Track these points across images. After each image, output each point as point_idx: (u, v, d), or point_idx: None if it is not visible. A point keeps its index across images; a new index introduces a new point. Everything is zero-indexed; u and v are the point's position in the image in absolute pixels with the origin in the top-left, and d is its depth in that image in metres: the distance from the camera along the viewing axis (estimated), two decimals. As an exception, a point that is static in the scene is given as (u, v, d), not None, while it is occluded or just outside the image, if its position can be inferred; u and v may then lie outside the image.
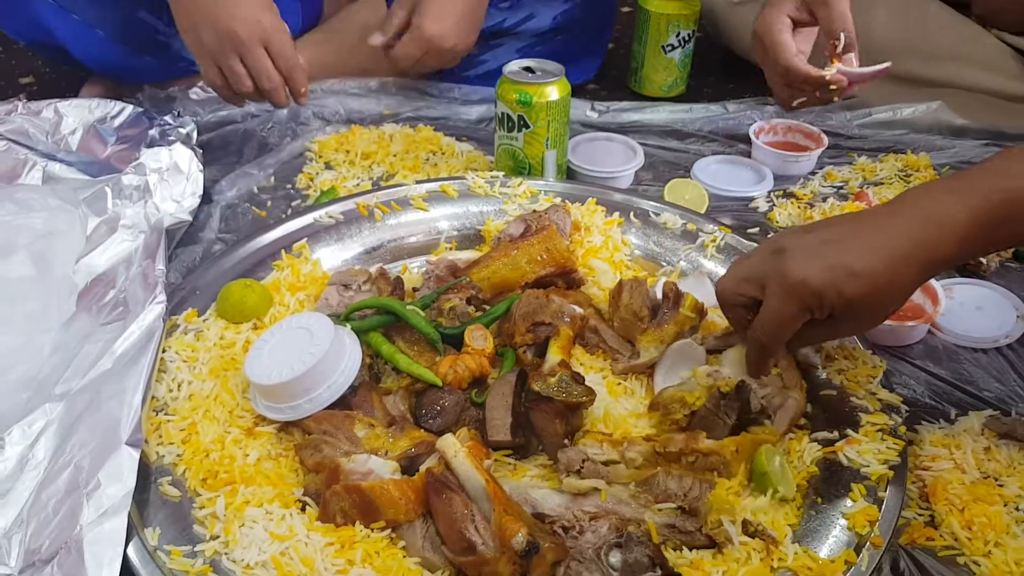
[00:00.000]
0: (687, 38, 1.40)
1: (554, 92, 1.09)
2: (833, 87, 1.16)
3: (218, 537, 0.69)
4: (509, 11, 1.37)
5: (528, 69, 1.10)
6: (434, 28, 1.22)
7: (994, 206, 0.68)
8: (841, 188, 1.21)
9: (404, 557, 0.67)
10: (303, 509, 0.71)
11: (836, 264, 0.69)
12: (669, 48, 1.40)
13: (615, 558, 0.64)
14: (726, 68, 1.56)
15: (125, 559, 0.66)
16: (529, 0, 1.36)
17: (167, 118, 1.15)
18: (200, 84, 1.32)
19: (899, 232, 0.69)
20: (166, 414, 0.79)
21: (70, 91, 1.41)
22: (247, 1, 1.07)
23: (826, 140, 1.25)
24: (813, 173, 1.24)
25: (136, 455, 0.72)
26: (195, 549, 0.68)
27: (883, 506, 0.71)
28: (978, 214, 0.68)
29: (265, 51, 1.09)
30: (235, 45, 1.08)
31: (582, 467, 0.71)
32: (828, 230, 0.73)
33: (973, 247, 0.70)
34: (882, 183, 1.21)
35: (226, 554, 0.67)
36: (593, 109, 1.38)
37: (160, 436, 0.77)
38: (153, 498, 0.73)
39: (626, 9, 1.50)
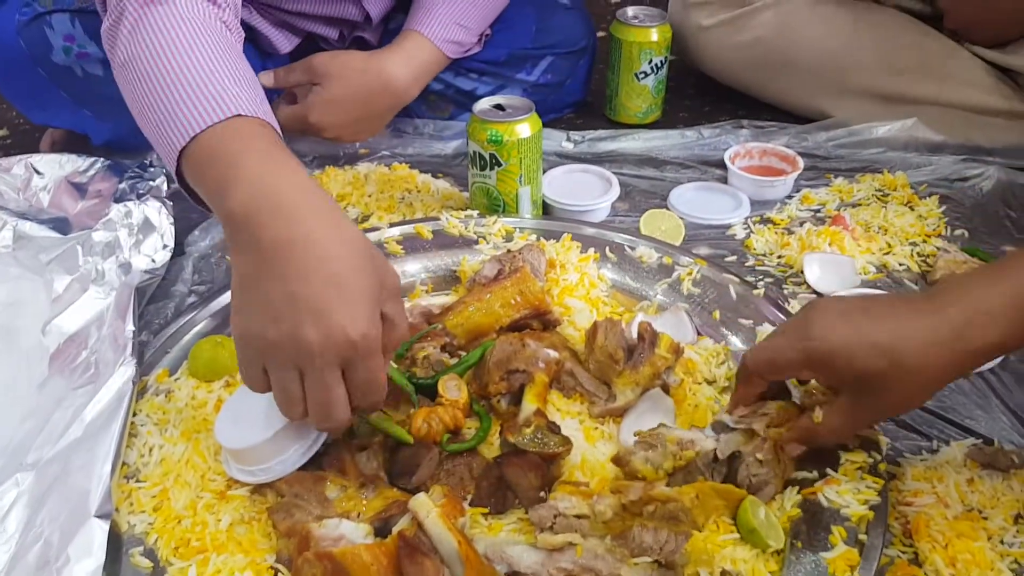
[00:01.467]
0: (660, 65, 1.40)
1: (525, 129, 1.08)
2: None
3: (190, 611, 0.68)
4: (479, 81, 1.38)
5: (498, 107, 1.10)
6: (317, 117, 1.14)
7: None
8: (818, 211, 1.20)
9: (378, 625, 0.66)
10: (275, 577, 0.71)
11: (859, 332, 0.67)
12: (642, 75, 1.40)
13: (590, 619, 0.63)
14: (700, 92, 1.56)
15: (95, 638, 0.66)
16: (495, 74, 1.38)
17: (137, 169, 1.14)
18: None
19: (939, 318, 0.66)
20: (137, 480, 0.78)
21: (44, 142, 1.41)
22: (347, 306, 0.66)
23: (802, 163, 1.25)
24: (790, 197, 1.24)
25: (105, 527, 0.71)
26: (166, 624, 0.67)
27: (864, 550, 0.70)
28: (1019, 301, 0.65)
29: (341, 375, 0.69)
30: (302, 359, 0.67)
31: (554, 523, 0.70)
32: (868, 301, 0.70)
33: (1017, 334, 0.66)
34: (859, 204, 1.20)
35: (197, 629, 0.66)
36: (569, 139, 1.38)
37: (131, 504, 0.76)
38: (124, 570, 0.72)
39: (600, 34, 1.50)
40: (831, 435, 0.74)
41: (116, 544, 0.73)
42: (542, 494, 0.75)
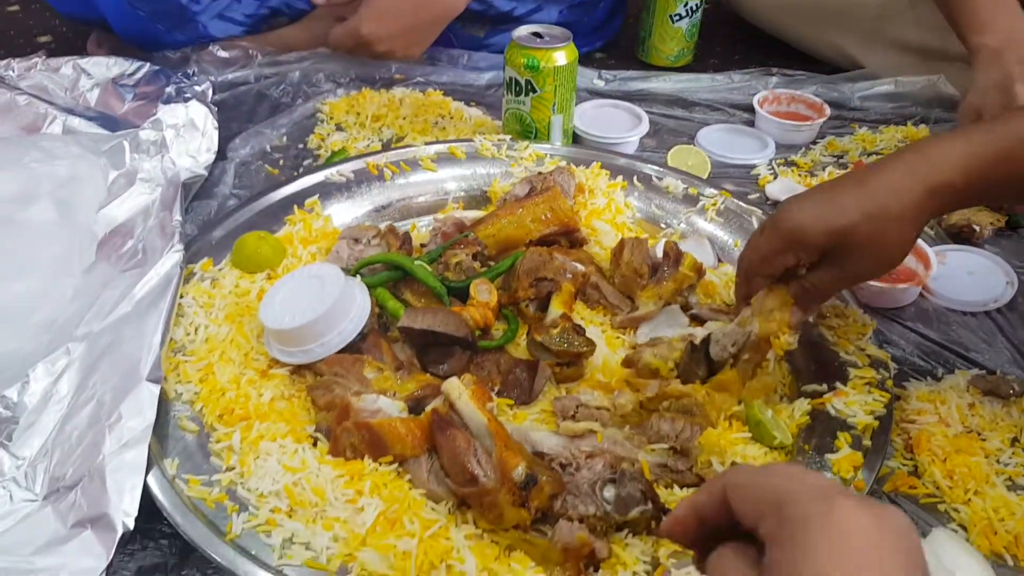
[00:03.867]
0: (695, 8, 1.42)
1: (562, 57, 1.11)
2: None
3: (234, 468, 0.72)
4: (517, 1, 1.40)
5: (536, 35, 1.13)
6: (369, 28, 1.20)
7: (994, 141, 0.69)
8: (841, 158, 1.23)
9: (410, 489, 0.70)
10: (315, 444, 0.75)
11: (825, 200, 0.71)
12: (677, 18, 1.42)
13: (609, 492, 0.67)
14: (733, 38, 1.58)
15: (145, 487, 0.70)
16: None
17: (182, 75, 1.18)
18: (212, 47, 1.35)
19: (896, 167, 0.70)
20: (184, 355, 0.82)
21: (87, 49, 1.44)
22: None
23: (828, 110, 1.27)
24: (815, 142, 1.27)
25: (156, 391, 0.75)
26: (212, 479, 0.71)
27: (867, 453, 0.74)
28: (976, 148, 0.69)
29: None
30: None
31: (576, 412, 0.74)
32: (828, 182, 0.75)
33: (974, 180, 0.70)
34: (881, 154, 1.23)
35: (241, 483, 0.71)
36: (600, 78, 1.41)
37: (178, 375, 0.80)
38: (172, 432, 0.76)
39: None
40: (823, 299, 0.79)
41: (164, 409, 0.77)
42: (565, 391, 0.80)
